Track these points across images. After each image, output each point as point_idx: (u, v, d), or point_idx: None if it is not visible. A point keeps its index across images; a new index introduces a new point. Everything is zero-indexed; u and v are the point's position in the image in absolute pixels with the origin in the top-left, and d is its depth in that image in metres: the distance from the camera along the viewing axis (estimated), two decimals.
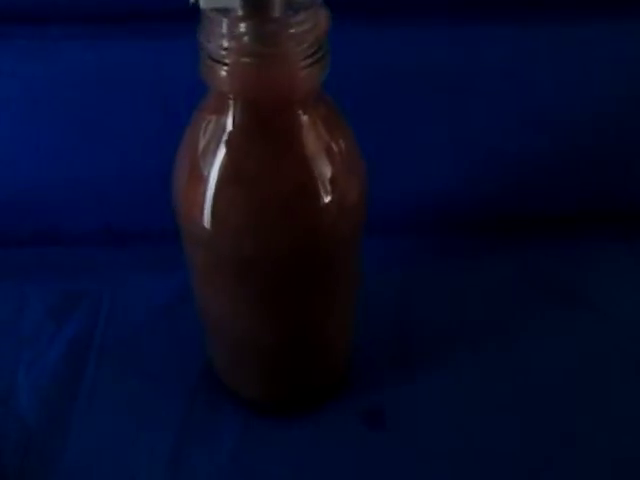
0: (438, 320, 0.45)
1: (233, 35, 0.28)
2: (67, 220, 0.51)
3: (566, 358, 0.43)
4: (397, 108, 0.48)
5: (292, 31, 0.28)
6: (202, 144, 0.31)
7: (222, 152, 0.30)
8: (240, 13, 0.28)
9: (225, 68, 0.28)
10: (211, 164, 0.31)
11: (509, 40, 0.48)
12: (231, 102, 0.30)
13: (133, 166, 0.49)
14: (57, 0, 0.46)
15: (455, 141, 0.49)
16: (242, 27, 0.28)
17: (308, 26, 0.28)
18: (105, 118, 0.49)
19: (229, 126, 0.30)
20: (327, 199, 0.31)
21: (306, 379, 0.40)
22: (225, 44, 0.28)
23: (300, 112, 0.30)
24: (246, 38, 0.28)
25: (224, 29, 0.28)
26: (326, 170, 0.31)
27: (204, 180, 0.31)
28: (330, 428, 0.40)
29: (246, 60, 0.28)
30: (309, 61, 0.29)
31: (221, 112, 0.30)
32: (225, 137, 0.30)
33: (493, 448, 0.39)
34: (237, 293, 0.35)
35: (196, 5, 0.28)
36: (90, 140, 0.49)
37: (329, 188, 0.31)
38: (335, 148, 0.31)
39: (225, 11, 0.28)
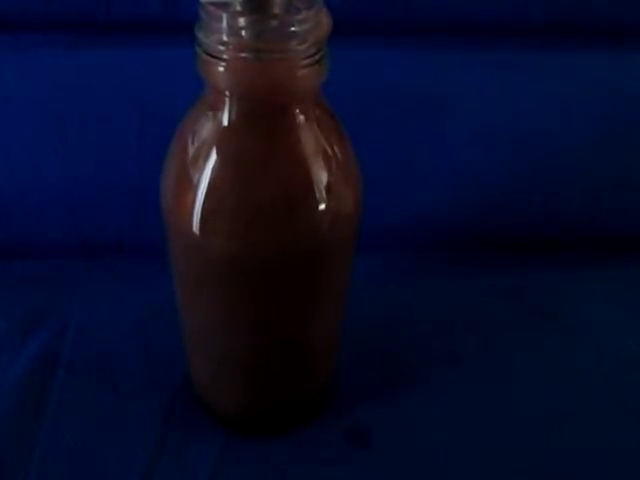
0: (424, 339, 0.45)
1: (232, 30, 0.27)
2: (38, 231, 0.50)
3: (551, 380, 0.43)
4: (386, 128, 0.48)
5: (293, 29, 0.27)
6: (195, 143, 0.30)
7: (215, 151, 0.29)
8: (240, 8, 0.27)
9: (222, 64, 0.27)
10: (202, 163, 0.30)
11: (495, 66, 0.48)
12: (227, 99, 0.29)
13: (108, 177, 0.48)
14: (30, 8, 0.45)
15: (440, 163, 0.49)
16: (242, 22, 0.27)
17: (310, 25, 0.27)
18: (79, 127, 0.48)
19: (224, 124, 0.29)
20: (321, 206, 0.30)
21: (290, 395, 0.39)
22: (224, 39, 0.27)
23: (297, 113, 0.29)
24: (245, 33, 0.27)
25: (223, 24, 0.27)
26: (322, 175, 0.30)
27: (194, 181, 0.30)
28: (312, 447, 0.39)
29: (244, 56, 0.27)
30: (309, 61, 0.28)
31: (216, 109, 0.29)
32: (219, 135, 0.29)
33: (477, 468, 0.38)
34: (223, 303, 0.34)
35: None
36: (63, 149, 0.48)
37: (324, 195, 0.30)
38: (332, 154, 0.30)
39: (224, 6, 0.27)
